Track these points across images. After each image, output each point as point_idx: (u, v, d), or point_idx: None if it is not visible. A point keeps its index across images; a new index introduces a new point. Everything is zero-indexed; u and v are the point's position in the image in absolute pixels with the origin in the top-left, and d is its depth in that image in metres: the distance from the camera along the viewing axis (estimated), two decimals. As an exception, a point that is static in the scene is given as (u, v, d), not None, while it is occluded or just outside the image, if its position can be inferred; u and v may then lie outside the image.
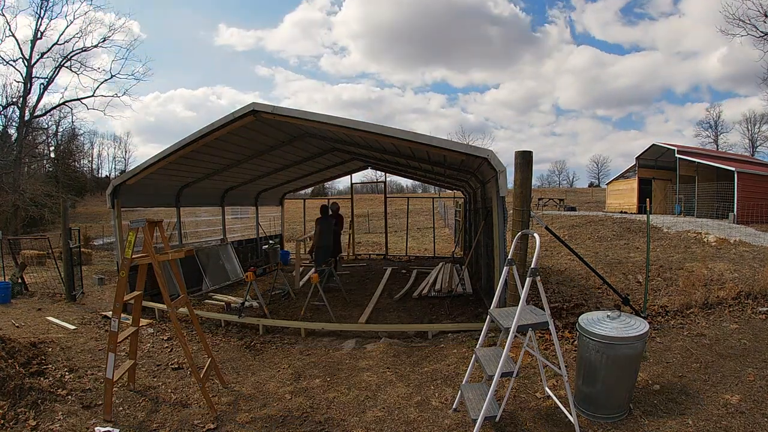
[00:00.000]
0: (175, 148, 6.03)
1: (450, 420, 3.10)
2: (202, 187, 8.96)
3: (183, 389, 3.82)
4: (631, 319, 2.99)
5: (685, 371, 3.48)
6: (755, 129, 45.88)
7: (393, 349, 4.66)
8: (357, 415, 3.28)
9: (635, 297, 5.65)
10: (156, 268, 3.39)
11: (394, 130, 4.97)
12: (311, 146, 8.73)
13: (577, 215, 19.48)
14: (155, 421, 3.26)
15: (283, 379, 4.03)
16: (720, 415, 2.85)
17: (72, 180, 38.51)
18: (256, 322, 5.62)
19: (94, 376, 3.97)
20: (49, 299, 7.46)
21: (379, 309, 6.55)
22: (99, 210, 38.63)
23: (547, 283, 7.05)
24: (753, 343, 3.86)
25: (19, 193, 20.69)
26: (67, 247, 7.47)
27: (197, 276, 8.39)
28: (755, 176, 16.63)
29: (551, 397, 3.18)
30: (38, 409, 3.24)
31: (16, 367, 3.63)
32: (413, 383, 3.75)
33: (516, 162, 4.46)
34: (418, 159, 7.36)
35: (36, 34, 23.90)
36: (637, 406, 3.04)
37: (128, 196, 6.92)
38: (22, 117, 23.84)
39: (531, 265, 2.74)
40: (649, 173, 21.95)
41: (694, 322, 4.51)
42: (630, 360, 2.87)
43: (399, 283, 8.51)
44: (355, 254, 13.01)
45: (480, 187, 6.90)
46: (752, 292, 5.08)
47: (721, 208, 15.95)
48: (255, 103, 5.45)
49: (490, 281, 5.63)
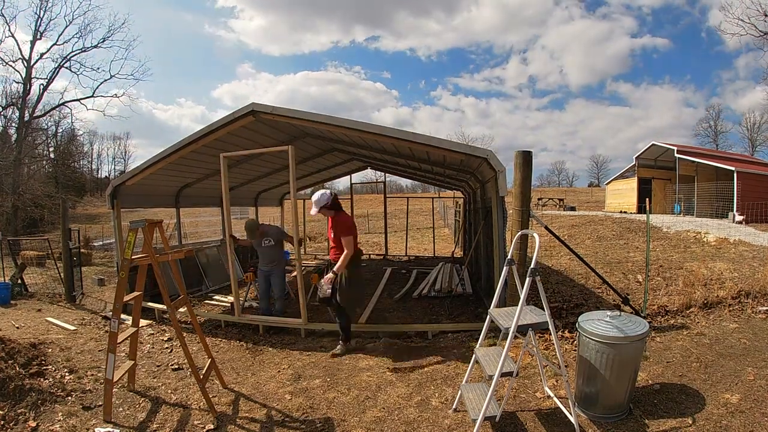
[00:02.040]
0: (175, 149, 6.03)
1: (450, 420, 3.10)
2: (202, 188, 8.96)
3: (183, 390, 3.82)
4: (631, 318, 2.99)
5: (685, 371, 3.48)
6: (755, 129, 45.99)
7: (393, 349, 4.66)
8: (357, 415, 3.28)
9: (635, 297, 5.66)
10: (156, 269, 3.39)
11: (394, 131, 4.97)
12: (311, 146, 8.73)
13: (576, 215, 19.50)
14: (155, 421, 3.26)
15: (283, 379, 4.03)
16: (720, 415, 2.85)
17: (72, 181, 38.52)
18: (256, 323, 5.62)
19: (94, 377, 3.96)
20: (48, 300, 7.46)
21: (379, 309, 6.55)
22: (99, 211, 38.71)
23: (547, 282, 7.05)
24: (753, 343, 3.86)
25: (19, 193, 20.69)
26: (66, 248, 7.47)
27: (197, 276, 8.39)
28: (755, 176, 16.65)
29: (551, 397, 3.18)
30: (38, 410, 3.24)
31: (16, 368, 3.63)
32: (413, 383, 3.75)
33: (515, 162, 4.46)
34: (418, 159, 7.36)
35: (35, 34, 23.93)
36: (638, 406, 3.04)
37: (128, 197, 6.92)
38: (21, 117, 23.84)
39: (531, 265, 2.74)
40: (649, 173, 21.95)
41: (693, 321, 4.51)
42: (630, 360, 2.87)
43: (399, 283, 8.51)
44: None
45: (479, 187, 6.90)
46: (752, 292, 5.07)
47: (720, 207, 15.96)
48: (254, 103, 5.45)
49: (490, 281, 5.63)
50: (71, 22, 25.29)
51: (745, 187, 15.69)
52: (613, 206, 23.42)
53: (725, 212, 15.52)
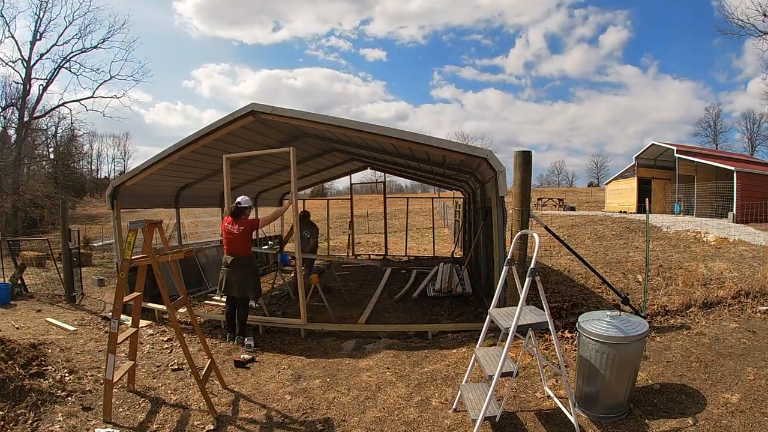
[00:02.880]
0: (175, 149, 6.03)
1: (450, 420, 3.10)
2: (202, 188, 8.95)
3: (183, 390, 3.82)
4: (630, 318, 2.99)
5: (685, 370, 3.48)
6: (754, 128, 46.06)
7: (393, 349, 4.66)
8: (357, 415, 3.28)
9: (635, 296, 5.65)
10: (155, 269, 3.39)
11: (393, 131, 4.97)
12: (310, 147, 8.73)
13: (576, 215, 19.50)
14: (155, 422, 3.26)
15: (282, 379, 4.03)
16: (720, 414, 2.85)
17: (71, 181, 38.46)
18: (256, 323, 5.62)
19: (94, 378, 3.96)
20: (48, 300, 7.45)
21: (378, 309, 6.55)
22: (98, 211, 38.68)
23: (547, 282, 7.04)
24: (753, 342, 3.86)
25: (19, 194, 20.69)
26: (66, 249, 7.46)
27: (197, 277, 8.39)
28: (755, 175, 16.65)
29: (551, 397, 3.18)
30: (38, 411, 3.24)
31: (16, 368, 3.63)
32: (413, 383, 3.75)
33: (515, 162, 4.46)
34: (418, 159, 7.36)
35: (35, 35, 23.93)
36: (638, 406, 3.04)
37: (128, 197, 6.92)
38: (21, 118, 23.84)
39: (530, 265, 2.74)
40: (649, 173, 21.94)
41: (693, 321, 4.51)
42: (630, 359, 2.88)
43: (399, 283, 8.50)
44: (355, 255, 13.00)
45: (479, 187, 6.90)
46: (752, 291, 5.07)
47: (720, 207, 15.96)
48: (254, 103, 5.46)
49: (490, 281, 5.63)
50: (71, 23, 25.34)
51: (744, 187, 15.69)
52: (613, 206, 23.42)
53: (725, 212, 15.52)
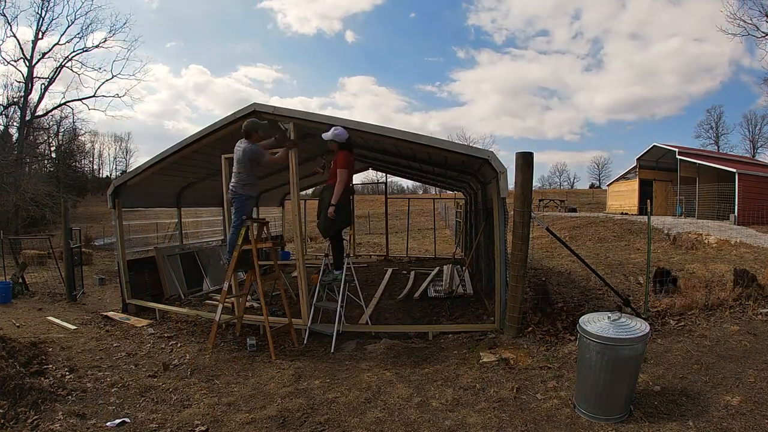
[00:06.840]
0: (176, 149, 6.04)
1: (450, 421, 3.10)
2: (203, 188, 8.97)
3: (183, 389, 3.82)
4: (631, 320, 2.99)
5: (686, 372, 3.47)
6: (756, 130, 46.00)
7: (393, 350, 4.65)
8: (357, 416, 3.28)
9: (636, 298, 5.65)
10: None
11: (395, 131, 4.97)
12: (312, 147, 8.72)
13: (577, 216, 19.49)
14: (155, 421, 3.26)
15: (283, 379, 4.02)
16: (721, 417, 2.84)
17: (73, 180, 38.56)
18: (257, 323, 5.62)
19: (95, 376, 3.97)
20: (49, 299, 7.47)
21: (379, 310, 6.54)
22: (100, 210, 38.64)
23: (548, 284, 7.03)
24: (754, 345, 3.85)
25: (20, 193, 20.72)
26: (67, 247, 7.48)
27: (198, 276, 8.40)
28: (756, 177, 16.62)
29: (551, 397, 3.18)
30: (38, 409, 3.24)
31: (17, 366, 3.63)
32: (414, 384, 3.74)
33: (517, 163, 4.46)
34: (419, 160, 7.37)
35: (37, 34, 24.02)
36: (638, 408, 3.04)
37: (129, 197, 6.93)
38: (23, 117, 23.95)
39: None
40: (650, 174, 21.93)
41: (694, 323, 4.50)
42: (631, 361, 2.87)
43: (399, 284, 8.50)
44: (356, 255, 13.00)
45: (480, 188, 6.90)
46: (753, 294, 5.06)
47: (722, 209, 15.94)
48: (256, 103, 5.47)
49: (491, 282, 5.62)
50: (73, 22, 25.46)
51: (746, 189, 15.66)
52: (615, 207, 23.41)
53: (726, 214, 15.50)
